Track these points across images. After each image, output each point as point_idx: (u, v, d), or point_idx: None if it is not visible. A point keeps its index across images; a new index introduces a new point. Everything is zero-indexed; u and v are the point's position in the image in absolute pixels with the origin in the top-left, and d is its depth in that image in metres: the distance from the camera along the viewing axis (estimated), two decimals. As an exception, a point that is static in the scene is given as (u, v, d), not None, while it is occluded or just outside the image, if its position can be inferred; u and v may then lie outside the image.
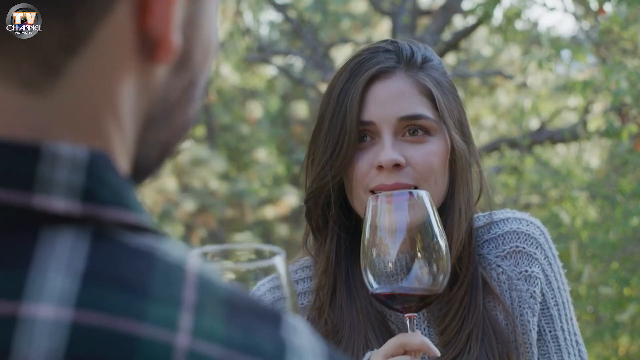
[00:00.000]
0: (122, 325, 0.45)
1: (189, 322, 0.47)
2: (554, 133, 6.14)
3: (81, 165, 0.49)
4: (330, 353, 0.51)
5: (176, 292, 0.48)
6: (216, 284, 0.50)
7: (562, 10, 4.86)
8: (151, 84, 0.53)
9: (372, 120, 1.29)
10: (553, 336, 1.35)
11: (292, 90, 9.41)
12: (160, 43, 0.52)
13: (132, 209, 0.50)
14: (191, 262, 0.50)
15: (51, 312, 0.45)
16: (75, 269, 0.46)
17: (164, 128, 0.56)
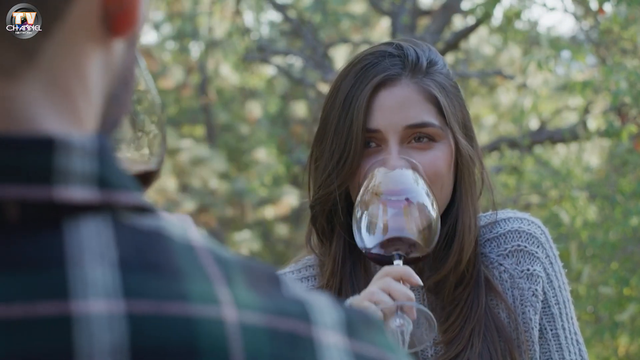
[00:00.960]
0: (174, 309, 0.45)
1: (228, 295, 0.47)
2: (554, 133, 6.15)
3: (93, 153, 0.49)
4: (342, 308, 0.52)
5: (201, 267, 0.48)
6: (226, 255, 0.50)
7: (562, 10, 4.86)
8: (113, 60, 0.53)
9: (379, 129, 1.30)
10: (554, 334, 1.36)
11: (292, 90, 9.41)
12: (126, 16, 0.51)
13: (134, 190, 0.50)
14: (193, 237, 0.50)
15: (103, 306, 0.45)
16: (110, 259, 0.46)
17: (120, 105, 0.56)
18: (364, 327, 0.52)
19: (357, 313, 0.53)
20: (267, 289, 0.49)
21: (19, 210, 0.46)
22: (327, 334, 0.49)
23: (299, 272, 1.43)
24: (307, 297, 0.51)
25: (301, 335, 0.48)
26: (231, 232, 9.24)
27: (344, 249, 1.36)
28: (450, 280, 1.33)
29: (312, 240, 1.42)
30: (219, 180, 9.00)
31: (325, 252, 1.39)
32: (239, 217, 9.34)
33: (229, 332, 0.46)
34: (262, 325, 0.47)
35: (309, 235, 1.42)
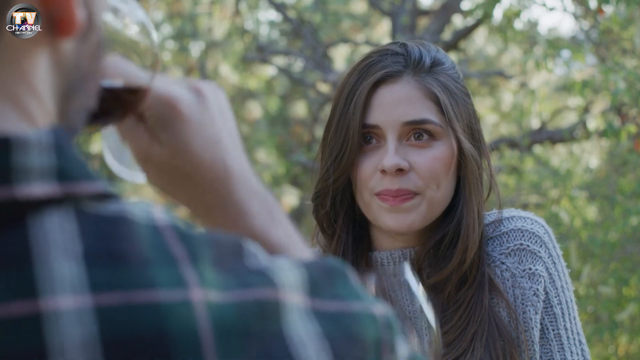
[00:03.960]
0: (141, 298, 0.47)
1: (194, 276, 0.49)
2: (553, 133, 6.14)
3: (50, 147, 0.50)
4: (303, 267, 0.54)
5: (165, 249, 0.49)
6: (186, 232, 0.52)
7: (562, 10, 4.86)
8: (63, 58, 0.54)
9: (377, 124, 1.30)
10: (556, 334, 1.35)
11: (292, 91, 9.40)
12: (65, 20, 0.52)
13: (95, 178, 0.51)
14: (159, 216, 0.52)
15: (71, 302, 0.46)
16: (74, 252, 0.47)
17: (84, 94, 0.57)
18: (325, 282, 0.53)
19: (320, 267, 0.54)
20: (231, 264, 0.51)
21: None
22: (291, 294, 0.51)
23: None
24: (269, 263, 0.52)
25: (268, 300, 0.50)
26: (231, 232, 9.23)
27: (344, 243, 1.37)
28: (452, 280, 1.33)
29: (318, 235, 1.43)
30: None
31: (328, 247, 1.39)
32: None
33: (197, 313, 0.47)
34: (228, 302, 0.48)
35: (317, 231, 1.43)
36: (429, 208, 1.31)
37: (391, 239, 1.37)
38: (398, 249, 1.37)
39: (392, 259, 1.37)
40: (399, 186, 1.28)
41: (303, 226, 9.39)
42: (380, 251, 1.38)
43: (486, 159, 1.38)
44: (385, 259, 1.37)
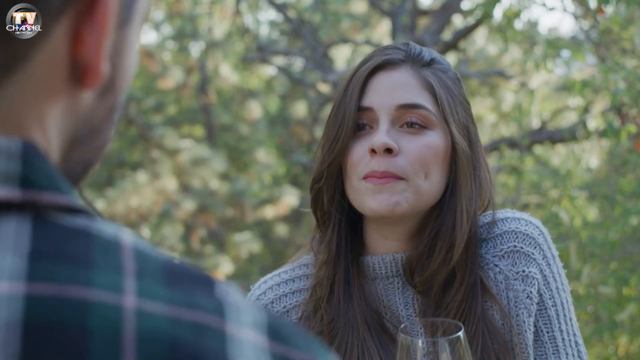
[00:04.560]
0: (72, 292, 0.49)
1: (133, 286, 0.50)
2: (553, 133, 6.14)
3: (16, 155, 0.52)
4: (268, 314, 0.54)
5: (117, 262, 0.51)
6: (152, 254, 0.54)
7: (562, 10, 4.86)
8: (78, 107, 0.57)
9: (371, 107, 1.31)
10: (550, 337, 1.34)
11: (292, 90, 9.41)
12: (90, 70, 0.55)
13: (65, 193, 0.54)
14: (125, 237, 0.54)
15: (5, 287, 0.48)
16: (22, 249, 0.50)
17: (88, 148, 0.60)
18: (290, 333, 0.54)
19: (285, 322, 0.55)
20: (188, 287, 0.52)
21: None
22: (243, 330, 0.52)
23: (293, 271, 1.44)
24: (233, 299, 0.53)
25: (210, 326, 0.50)
26: (231, 232, 9.24)
27: (338, 235, 1.37)
28: (437, 281, 1.32)
29: (314, 240, 1.43)
30: (219, 181, 8.99)
31: (322, 241, 1.39)
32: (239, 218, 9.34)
33: (125, 316, 0.49)
34: (161, 313, 0.50)
35: (314, 234, 1.43)
36: (415, 196, 1.30)
37: (383, 240, 1.37)
38: (390, 253, 1.37)
39: (383, 264, 1.37)
40: (386, 168, 1.28)
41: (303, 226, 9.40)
42: (372, 256, 1.38)
43: (483, 162, 1.37)
44: (377, 264, 1.37)
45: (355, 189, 1.32)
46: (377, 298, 1.37)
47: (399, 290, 1.37)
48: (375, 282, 1.38)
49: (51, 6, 0.52)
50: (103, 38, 0.54)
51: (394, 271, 1.36)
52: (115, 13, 0.56)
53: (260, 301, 1.41)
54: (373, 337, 1.33)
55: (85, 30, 0.54)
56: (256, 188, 8.90)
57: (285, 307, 1.40)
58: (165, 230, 8.51)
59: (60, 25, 0.53)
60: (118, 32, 0.57)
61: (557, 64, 4.91)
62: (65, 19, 0.53)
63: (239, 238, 8.97)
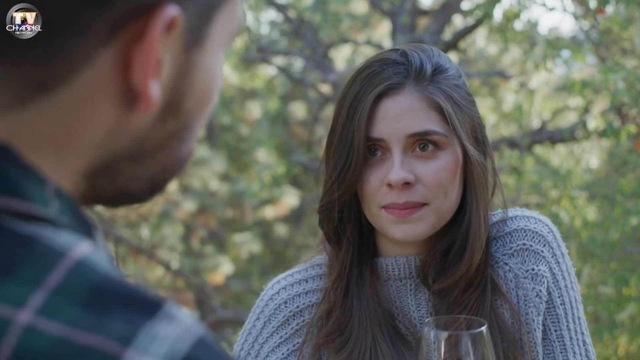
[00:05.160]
0: None
1: (39, 302, 0.49)
2: (553, 133, 6.14)
3: None
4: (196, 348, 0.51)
5: (41, 275, 0.50)
6: (94, 271, 0.52)
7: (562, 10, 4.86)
8: (130, 127, 0.57)
9: (381, 137, 1.29)
10: (558, 335, 1.34)
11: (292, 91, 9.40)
12: (139, 95, 0.55)
13: (27, 199, 0.53)
14: (78, 249, 0.52)
15: None
16: None
17: (146, 164, 0.60)
18: None
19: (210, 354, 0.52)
20: (107, 311, 0.50)
21: None
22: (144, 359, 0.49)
23: (306, 272, 1.43)
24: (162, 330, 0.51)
25: (105, 352, 0.49)
26: (231, 233, 9.23)
27: (351, 255, 1.36)
28: (460, 285, 1.32)
29: (325, 242, 1.42)
30: (219, 181, 8.99)
31: (335, 256, 1.38)
32: (239, 218, 9.34)
33: (10, 331, 0.48)
34: (53, 333, 0.48)
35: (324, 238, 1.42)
36: (437, 217, 1.30)
37: (397, 247, 1.37)
38: (403, 255, 1.37)
39: (396, 265, 1.37)
40: (406, 199, 1.27)
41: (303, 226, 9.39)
42: (386, 258, 1.38)
43: (491, 162, 1.37)
44: (390, 266, 1.37)
45: (375, 216, 1.31)
46: (390, 299, 1.37)
47: (411, 291, 1.37)
48: (388, 284, 1.38)
49: (96, 34, 0.52)
50: (150, 65, 0.54)
51: (407, 273, 1.36)
52: (178, 37, 0.56)
53: (273, 301, 1.41)
54: (385, 338, 1.33)
55: (134, 57, 0.54)
56: (256, 188, 8.90)
57: (298, 307, 1.40)
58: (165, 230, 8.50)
59: (108, 50, 0.53)
60: (183, 55, 0.57)
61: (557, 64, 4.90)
62: (115, 45, 0.53)
63: (239, 238, 8.97)
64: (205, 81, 0.59)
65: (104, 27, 0.52)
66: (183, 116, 0.59)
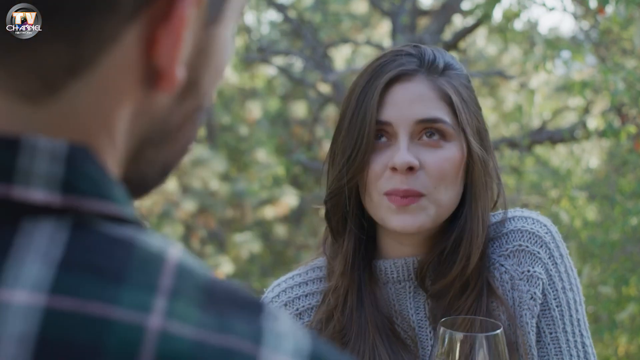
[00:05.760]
0: (93, 309, 0.47)
1: (163, 306, 0.48)
2: (553, 133, 6.15)
3: (60, 157, 0.50)
4: (315, 343, 0.51)
5: (152, 279, 0.49)
6: (196, 273, 0.51)
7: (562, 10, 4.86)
8: (152, 109, 0.55)
9: (389, 121, 1.29)
10: (553, 338, 1.33)
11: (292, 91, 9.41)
12: (164, 75, 0.53)
13: (114, 201, 0.51)
14: (173, 252, 0.51)
15: (25, 297, 0.46)
16: (52, 257, 0.48)
17: (164, 149, 0.58)
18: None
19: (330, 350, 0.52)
20: (226, 311, 0.50)
21: None
22: (279, 357, 0.49)
23: (306, 274, 1.43)
24: (278, 326, 0.51)
25: (242, 352, 0.48)
26: (231, 233, 9.24)
27: (355, 246, 1.36)
28: (455, 287, 1.32)
29: (327, 243, 1.42)
30: (219, 181, 9.00)
31: (338, 251, 1.38)
32: (239, 218, 9.34)
33: (146, 337, 0.46)
34: (188, 336, 0.47)
35: (325, 239, 1.42)
36: (436, 210, 1.29)
37: (398, 245, 1.37)
38: (402, 257, 1.36)
39: (395, 268, 1.36)
40: (408, 186, 1.27)
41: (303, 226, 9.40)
42: (385, 260, 1.37)
43: (493, 164, 1.37)
44: (389, 268, 1.37)
45: (376, 204, 1.31)
46: (389, 303, 1.37)
47: (410, 294, 1.37)
48: (387, 287, 1.38)
49: (123, 10, 0.50)
50: (178, 44, 0.52)
51: (406, 275, 1.36)
52: (199, 14, 0.54)
53: (273, 304, 1.40)
54: (384, 342, 1.33)
55: (160, 35, 0.52)
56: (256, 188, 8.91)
57: (298, 310, 1.40)
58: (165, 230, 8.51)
59: (133, 29, 0.51)
60: (204, 32, 0.55)
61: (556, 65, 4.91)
62: (139, 23, 0.51)
63: (239, 238, 8.98)
64: (220, 57, 0.58)
65: (130, 2, 0.50)
66: (200, 95, 0.58)
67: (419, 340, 1.36)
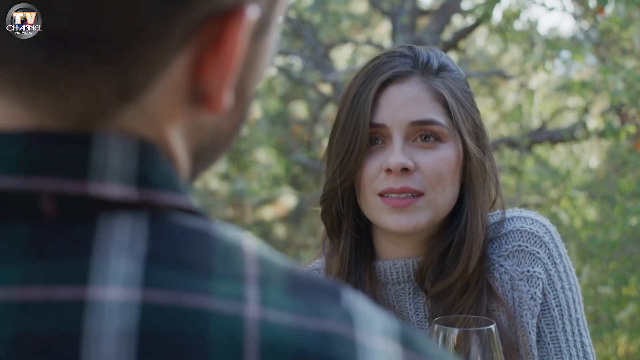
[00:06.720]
0: (190, 301, 0.46)
1: (256, 294, 0.47)
2: (553, 133, 6.14)
3: (132, 152, 0.49)
4: (399, 322, 0.52)
5: (239, 268, 0.49)
6: (275, 261, 0.51)
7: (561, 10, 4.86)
8: (201, 127, 0.54)
9: (384, 123, 1.29)
10: (553, 337, 1.33)
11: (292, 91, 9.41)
12: (211, 100, 0.52)
13: (184, 193, 0.51)
14: (247, 242, 0.51)
15: (119, 294, 0.45)
16: (137, 252, 0.47)
17: (212, 157, 0.58)
18: (423, 342, 0.51)
19: (414, 330, 0.52)
20: (312, 296, 0.49)
21: (55, 203, 0.48)
22: (375, 339, 0.49)
23: None
24: (362, 308, 0.50)
25: (339, 334, 0.48)
26: (231, 232, 9.24)
27: (351, 247, 1.36)
28: (456, 287, 1.32)
29: (325, 243, 1.42)
30: (219, 181, 9.00)
31: (335, 251, 1.38)
32: (239, 218, 9.34)
33: (247, 327, 0.46)
34: (287, 323, 0.47)
35: (324, 236, 1.42)
36: (433, 211, 1.30)
37: (395, 246, 1.36)
38: (401, 258, 1.36)
39: (394, 269, 1.36)
40: (403, 185, 1.28)
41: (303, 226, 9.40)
42: (384, 261, 1.37)
43: (491, 164, 1.37)
44: (388, 269, 1.37)
45: (370, 204, 1.31)
46: (389, 304, 1.37)
47: (409, 295, 1.37)
48: (386, 288, 1.38)
49: (173, 39, 0.49)
50: (228, 73, 0.51)
51: (405, 276, 1.36)
52: (249, 32, 0.52)
53: None
54: None
55: (208, 62, 0.51)
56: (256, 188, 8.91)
57: None
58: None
59: (182, 55, 0.50)
60: (252, 45, 0.54)
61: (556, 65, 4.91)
62: (188, 49, 0.50)
63: (239, 238, 8.97)
64: (265, 64, 0.57)
65: (180, 30, 0.49)
66: (246, 102, 0.57)
67: None
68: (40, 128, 0.49)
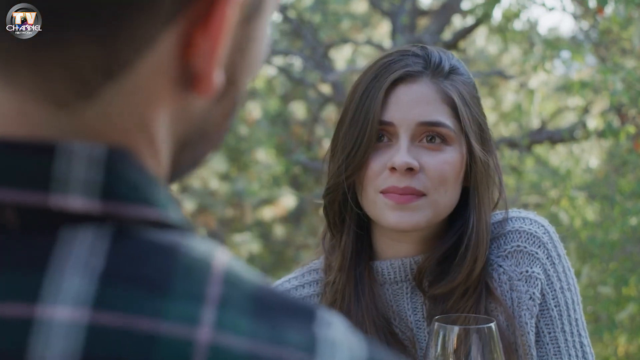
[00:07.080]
0: (139, 324, 0.44)
1: (212, 317, 0.46)
2: (553, 133, 6.14)
3: (99, 162, 0.48)
4: (371, 350, 0.49)
5: (199, 288, 0.47)
6: (245, 279, 0.49)
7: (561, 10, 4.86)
8: (190, 111, 0.53)
9: (392, 122, 1.29)
10: (552, 337, 1.33)
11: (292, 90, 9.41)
12: (201, 79, 0.51)
13: (157, 205, 0.49)
14: (219, 257, 0.49)
15: (67, 314, 0.44)
16: (93, 269, 0.45)
17: (201, 147, 0.56)
18: None
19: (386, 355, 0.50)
20: (278, 320, 0.47)
21: (17, 215, 0.46)
22: None
23: (303, 277, 1.43)
24: (332, 334, 0.48)
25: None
26: (231, 233, 9.24)
27: (353, 242, 1.36)
28: (459, 290, 1.32)
29: (325, 240, 1.42)
30: (219, 181, 9.00)
31: (336, 247, 1.38)
32: (239, 218, 9.34)
33: (196, 352, 0.44)
34: (240, 349, 0.45)
35: (325, 232, 1.42)
36: (434, 211, 1.30)
37: (394, 244, 1.36)
38: (399, 258, 1.36)
39: (392, 269, 1.36)
40: (407, 184, 1.28)
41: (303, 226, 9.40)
42: (382, 261, 1.37)
43: (494, 165, 1.37)
44: (386, 269, 1.37)
45: (372, 201, 1.31)
46: (386, 303, 1.37)
47: (407, 295, 1.37)
48: (384, 287, 1.38)
49: (160, 12, 0.47)
50: (217, 49, 0.50)
51: (403, 276, 1.36)
52: (239, 12, 0.51)
53: None
54: (381, 340, 1.33)
55: (198, 38, 0.49)
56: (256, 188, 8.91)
57: None
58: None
59: (170, 30, 0.48)
60: (243, 29, 0.52)
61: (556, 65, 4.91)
62: (177, 24, 0.48)
63: (239, 238, 8.97)
64: (257, 52, 0.55)
65: (169, 3, 0.47)
66: (237, 93, 0.55)
67: (416, 340, 1.36)
68: (3, 137, 0.47)
